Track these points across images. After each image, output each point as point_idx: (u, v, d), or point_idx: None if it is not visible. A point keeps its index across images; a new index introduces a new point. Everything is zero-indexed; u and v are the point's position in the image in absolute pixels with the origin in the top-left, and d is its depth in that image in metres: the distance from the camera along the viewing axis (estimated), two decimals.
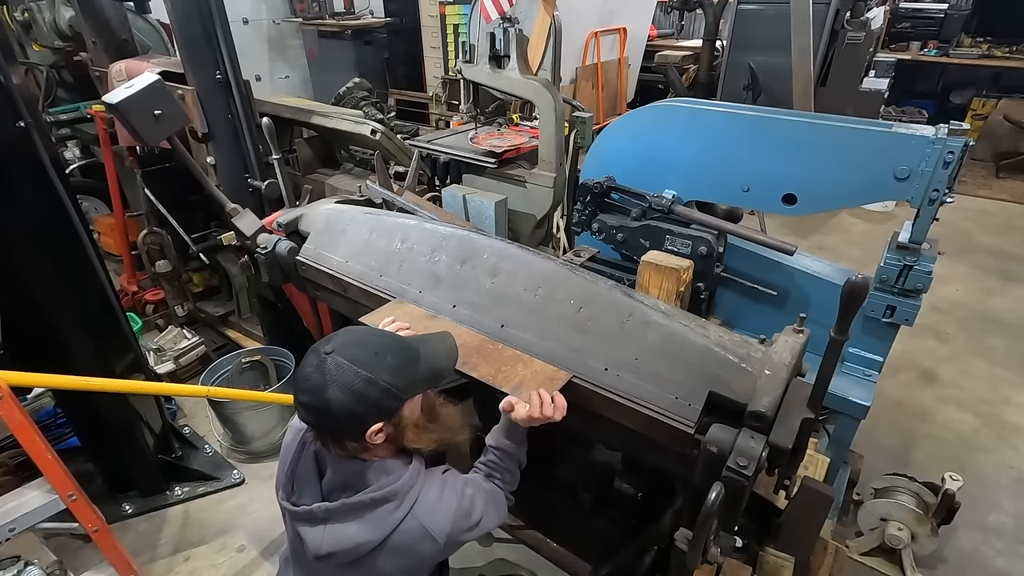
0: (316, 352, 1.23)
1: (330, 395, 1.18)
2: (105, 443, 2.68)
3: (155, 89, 2.13)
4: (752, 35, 5.49)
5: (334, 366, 1.19)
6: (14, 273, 2.13)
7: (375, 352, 1.24)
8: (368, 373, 1.20)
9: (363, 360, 1.21)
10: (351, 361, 1.20)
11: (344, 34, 6.98)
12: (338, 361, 1.19)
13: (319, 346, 1.24)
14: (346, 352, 1.21)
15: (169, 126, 2.18)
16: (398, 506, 1.29)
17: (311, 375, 1.20)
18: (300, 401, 1.22)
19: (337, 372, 1.19)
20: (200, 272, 4.11)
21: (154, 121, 2.13)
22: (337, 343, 1.23)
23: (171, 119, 2.17)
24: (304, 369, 1.23)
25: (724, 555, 1.47)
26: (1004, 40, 7.40)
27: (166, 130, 2.18)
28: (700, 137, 2.32)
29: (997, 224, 5.80)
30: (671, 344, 1.46)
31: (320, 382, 1.18)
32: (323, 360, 1.20)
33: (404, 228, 2.03)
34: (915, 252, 2.06)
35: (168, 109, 2.17)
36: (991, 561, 2.58)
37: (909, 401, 3.50)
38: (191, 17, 2.66)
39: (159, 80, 2.14)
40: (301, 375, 1.22)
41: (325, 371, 1.19)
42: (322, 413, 1.20)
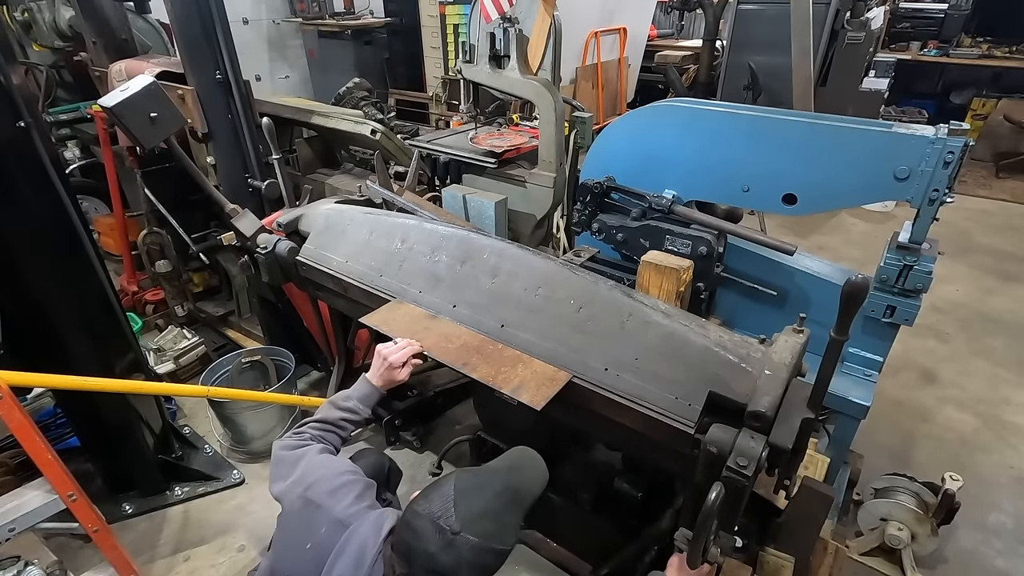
0: (439, 528, 1.14)
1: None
2: (105, 443, 2.68)
3: (151, 92, 2.14)
4: (752, 35, 5.48)
5: (468, 549, 1.12)
6: (14, 273, 2.12)
7: (499, 518, 1.18)
8: (499, 546, 1.16)
9: (493, 534, 1.16)
10: (483, 538, 1.14)
11: (344, 34, 6.97)
12: (471, 543, 1.13)
13: (440, 518, 1.15)
14: (475, 528, 1.14)
15: (166, 128, 2.19)
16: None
17: (439, 556, 1.12)
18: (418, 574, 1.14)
19: (470, 555, 1.13)
20: (200, 272, 4.11)
21: (150, 123, 2.14)
22: (463, 517, 1.15)
23: (168, 121, 2.18)
24: (425, 544, 1.13)
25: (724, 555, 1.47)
26: (1004, 40, 7.40)
27: (163, 132, 2.19)
28: (700, 137, 2.32)
29: (997, 224, 5.80)
30: (671, 344, 1.47)
31: (452, 564, 1.12)
32: (451, 541, 1.12)
33: (404, 228, 2.03)
34: (915, 252, 2.06)
35: (164, 111, 2.18)
36: (991, 561, 2.57)
37: (909, 401, 3.50)
38: (191, 17, 2.66)
39: (154, 83, 2.16)
40: (422, 551, 1.13)
41: (458, 554, 1.12)
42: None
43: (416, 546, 1.14)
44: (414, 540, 1.15)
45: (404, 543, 1.17)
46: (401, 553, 1.17)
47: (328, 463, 1.50)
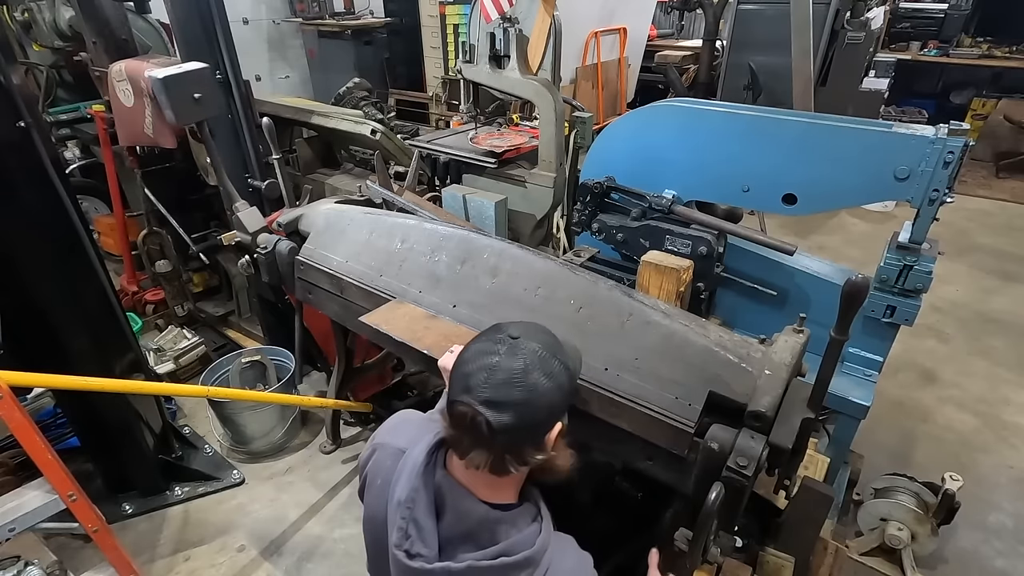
0: (496, 339, 1.03)
1: (535, 380, 0.98)
2: (105, 443, 2.68)
3: (202, 74, 2.31)
4: (752, 35, 5.48)
5: (530, 350, 1.00)
6: (14, 273, 2.13)
7: (552, 338, 1.08)
8: (562, 357, 1.04)
9: (550, 344, 1.05)
10: (542, 345, 1.03)
11: (344, 34, 6.97)
12: (531, 346, 1.01)
13: (492, 333, 1.05)
14: (533, 337, 1.04)
15: (205, 110, 2.32)
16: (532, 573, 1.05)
17: (505, 362, 0.98)
18: (489, 399, 0.97)
19: (535, 356, 1.00)
20: (200, 272, 4.11)
21: (193, 103, 2.28)
22: (519, 329, 1.05)
23: (208, 105, 2.33)
24: (486, 359, 1.00)
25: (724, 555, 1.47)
26: (1004, 40, 7.40)
27: (201, 113, 2.33)
28: (700, 137, 2.32)
29: (997, 224, 5.80)
30: (671, 344, 1.46)
31: (521, 366, 0.98)
32: (514, 345, 1.01)
33: (404, 228, 2.03)
34: (915, 252, 2.06)
35: (208, 94, 2.33)
36: (991, 561, 2.57)
37: (909, 401, 3.50)
38: (191, 17, 2.66)
39: (207, 67, 2.32)
40: (487, 366, 0.99)
41: (523, 354, 0.99)
42: (524, 407, 0.97)
43: (475, 367, 0.99)
44: (471, 366, 1.00)
45: (459, 380, 1.01)
46: (459, 390, 1.00)
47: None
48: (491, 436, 0.97)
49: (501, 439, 0.98)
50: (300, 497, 2.89)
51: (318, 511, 2.81)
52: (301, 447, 3.20)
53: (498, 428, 0.96)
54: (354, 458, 3.10)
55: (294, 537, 2.69)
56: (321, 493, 2.91)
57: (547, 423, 1.03)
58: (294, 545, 2.65)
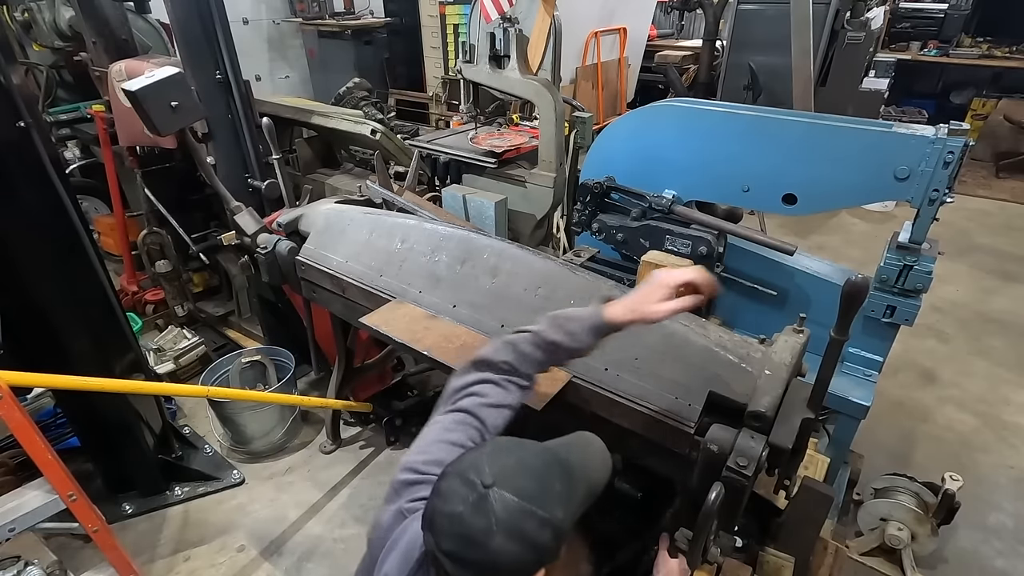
0: (468, 482, 0.94)
1: (497, 546, 0.90)
2: (105, 443, 2.68)
3: (175, 80, 2.22)
4: (752, 35, 5.48)
5: (500, 506, 0.92)
6: (14, 273, 2.12)
7: (541, 480, 0.98)
8: (542, 512, 0.94)
9: (532, 494, 0.95)
10: (519, 496, 0.93)
11: (344, 34, 6.97)
12: (504, 499, 0.92)
13: (468, 471, 0.96)
14: (511, 484, 0.94)
15: (185, 118, 2.25)
16: None
17: (468, 518, 0.91)
18: (449, 551, 0.92)
19: (505, 514, 0.91)
20: (200, 272, 4.11)
21: (171, 111, 2.21)
22: (496, 471, 0.96)
23: (187, 111, 2.25)
24: (452, 505, 0.93)
25: (724, 555, 1.47)
26: (1004, 40, 7.41)
27: (181, 121, 2.25)
28: (700, 137, 2.32)
29: (997, 224, 5.80)
30: (671, 344, 1.47)
31: (483, 527, 0.91)
32: (483, 497, 0.92)
33: (404, 228, 2.03)
34: (915, 252, 2.06)
35: (185, 101, 2.25)
36: (991, 561, 2.57)
37: (909, 401, 3.50)
38: (191, 17, 2.66)
39: (180, 73, 2.24)
40: (450, 514, 0.93)
41: (489, 512, 0.91)
42: (485, 568, 0.92)
43: (442, 508, 0.94)
44: (440, 503, 0.95)
45: (430, 511, 0.96)
46: (427, 524, 0.96)
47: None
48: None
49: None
50: (300, 497, 2.89)
51: (318, 511, 2.81)
52: (301, 447, 3.20)
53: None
54: (354, 458, 3.10)
55: (294, 537, 2.69)
56: (321, 493, 2.91)
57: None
58: (294, 545, 2.65)
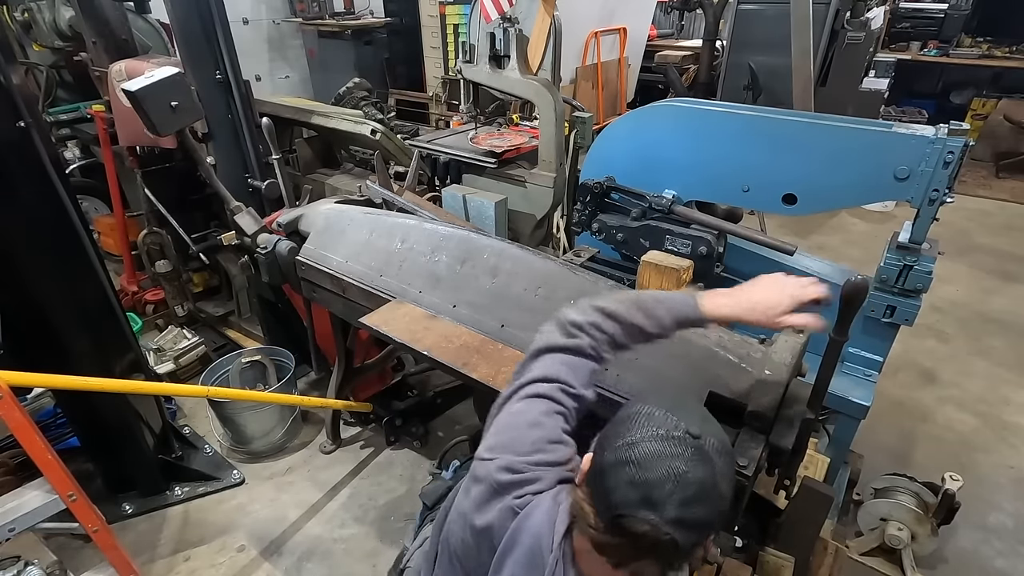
0: (675, 439, 0.87)
1: (724, 493, 0.87)
2: (105, 443, 2.68)
3: (174, 81, 2.25)
4: (752, 35, 5.48)
5: (715, 452, 0.88)
6: (14, 273, 2.12)
7: (715, 423, 0.95)
8: (734, 450, 0.97)
9: (725, 438, 0.93)
10: (719, 439, 0.91)
11: (344, 34, 6.97)
12: (714, 444, 0.89)
13: (664, 425, 0.89)
14: (712, 430, 0.91)
15: (184, 118, 2.28)
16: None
17: (693, 471, 0.85)
18: (677, 517, 0.83)
19: (720, 458, 0.88)
20: (200, 272, 4.11)
21: (170, 112, 2.23)
22: (694, 420, 0.91)
23: (187, 111, 2.28)
24: (668, 466, 0.85)
25: (724, 555, 1.47)
26: (1004, 40, 7.41)
27: (181, 121, 2.28)
28: (700, 137, 2.32)
29: (997, 224, 5.80)
30: (671, 344, 1.46)
31: (711, 479, 0.86)
32: (699, 447, 0.87)
33: (404, 228, 2.03)
34: (915, 252, 2.06)
35: (185, 101, 2.28)
36: (991, 561, 2.57)
37: (909, 401, 3.50)
38: (191, 17, 2.66)
39: (180, 73, 2.27)
40: (668, 476, 0.84)
41: (710, 460, 0.86)
42: (711, 520, 0.87)
43: (655, 476, 0.84)
44: (646, 473, 0.85)
45: (637, 490, 0.85)
46: (636, 504, 0.85)
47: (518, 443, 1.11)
48: (674, 555, 0.87)
49: (682, 555, 0.88)
50: (300, 497, 2.89)
51: (318, 511, 2.81)
52: (301, 447, 3.20)
53: (685, 548, 0.85)
54: (354, 458, 3.10)
55: (294, 537, 2.69)
56: (321, 493, 2.91)
57: (719, 525, 0.93)
58: (294, 545, 2.65)
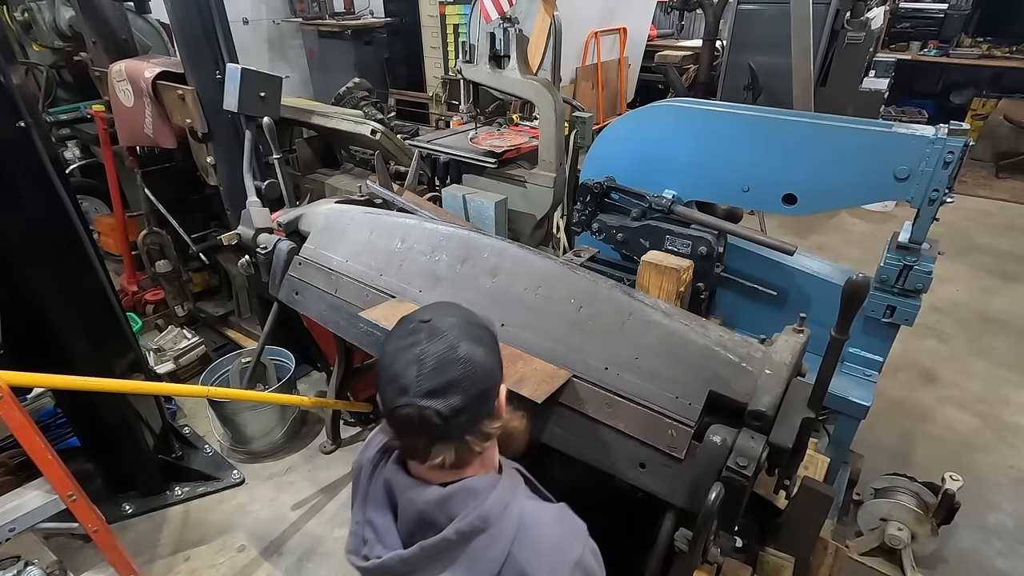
0: (409, 330, 0.96)
1: (468, 353, 0.93)
2: (105, 443, 2.68)
3: (273, 79, 2.77)
4: (752, 35, 5.48)
5: (447, 325, 0.95)
6: (14, 273, 2.12)
7: (461, 307, 1.03)
8: (477, 319, 1.00)
9: (465, 314, 1.00)
10: (455, 316, 0.98)
11: (344, 34, 6.97)
12: (446, 321, 0.96)
13: (403, 327, 0.98)
14: (446, 312, 0.99)
15: (265, 110, 2.69)
16: (494, 537, 0.95)
17: (428, 349, 0.92)
18: (428, 389, 0.90)
19: (455, 329, 0.95)
20: (200, 272, 4.11)
21: (258, 100, 2.70)
22: (427, 311, 0.99)
23: (268, 105, 2.73)
24: (408, 352, 0.93)
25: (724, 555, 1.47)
26: (1004, 40, 7.41)
27: (261, 110, 2.68)
28: (700, 137, 2.32)
29: (997, 224, 5.80)
30: (671, 343, 1.46)
31: (448, 345, 0.92)
32: (431, 327, 0.95)
33: (404, 228, 2.03)
34: (915, 252, 2.06)
35: (272, 97, 2.75)
36: (991, 561, 2.57)
37: (909, 401, 3.50)
38: (191, 17, 2.66)
39: (281, 78, 2.80)
40: (411, 359, 0.92)
41: (444, 334, 0.94)
42: (467, 382, 0.92)
43: (400, 366, 0.92)
44: (396, 367, 0.93)
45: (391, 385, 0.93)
46: (392, 395, 0.93)
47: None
48: (446, 425, 0.91)
49: (456, 422, 0.92)
50: (300, 497, 2.89)
51: (318, 511, 2.81)
52: (301, 447, 3.20)
53: (450, 413, 0.90)
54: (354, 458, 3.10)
55: (294, 537, 2.69)
56: (321, 493, 2.91)
57: (493, 388, 0.98)
58: (294, 545, 2.65)
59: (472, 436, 0.96)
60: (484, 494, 0.97)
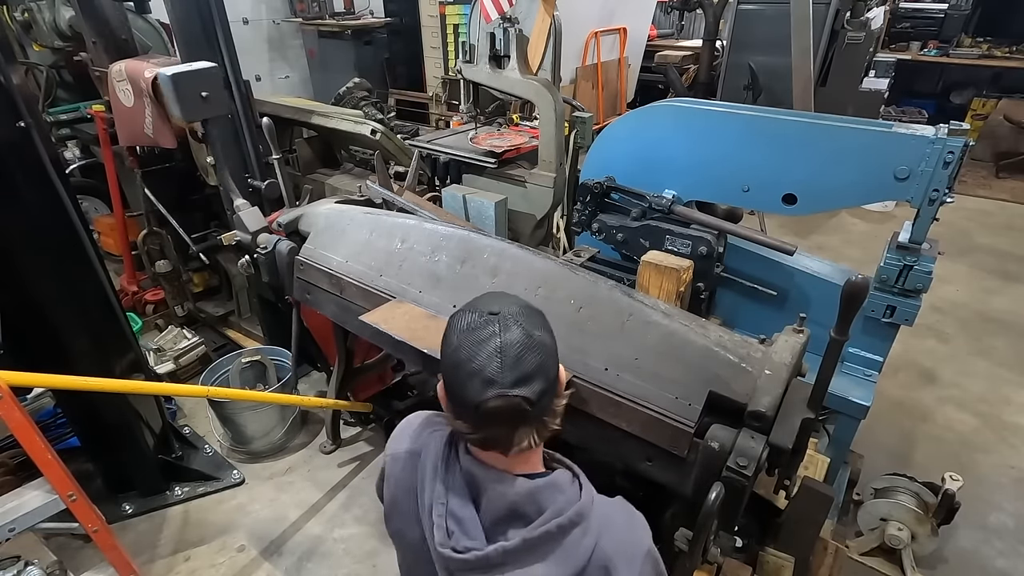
0: (479, 322, 0.96)
1: (541, 339, 0.97)
2: (105, 443, 2.68)
3: (209, 73, 2.44)
4: (752, 35, 5.48)
5: (516, 315, 0.98)
6: (14, 273, 2.12)
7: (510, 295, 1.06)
8: (539, 311, 1.03)
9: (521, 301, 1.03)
10: (519, 306, 1.01)
11: (344, 34, 6.97)
12: (513, 311, 0.98)
13: (469, 318, 0.98)
14: (507, 301, 1.01)
15: (211, 108, 2.44)
16: (587, 530, 0.99)
17: (507, 339, 0.94)
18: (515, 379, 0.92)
19: (526, 318, 0.98)
20: (200, 272, 4.11)
21: (200, 100, 2.40)
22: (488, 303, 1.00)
23: (215, 104, 2.46)
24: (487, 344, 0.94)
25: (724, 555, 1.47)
26: (1004, 40, 7.40)
27: (207, 112, 2.45)
28: (700, 137, 2.32)
29: (997, 224, 5.80)
30: (671, 344, 1.46)
31: (523, 333, 0.95)
32: (501, 318, 0.96)
33: (404, 228, 2.03)
34: (915, 252, 2.06)
35: (215, 94, 2.46)
36: (991, 561, 2.57)
37: (909, 401, 3.50)
38: (191, 17, 2.66)
39: (215, 67, 2.47)
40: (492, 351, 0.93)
41: (516, 323, 0.96)
42: (545, 365, 0.97)
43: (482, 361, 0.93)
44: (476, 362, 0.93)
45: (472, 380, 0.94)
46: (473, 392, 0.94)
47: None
48: (533, 409, 0.95)
49: (540, 405, 0.96)
50: (300, 497, 2.89)
51: (318, 511, 2.81)
52: (301, 447, 3.20)
53: (536, 398, 0.95)
54: (354, 458, 3.10)
55: (294, 537, 2.69)
56: (321, 493, 2.91)
57: (557, 368, 1.03)
58: (294, 545, 2.65)
59: (549, 416, 1.01)
60: (567, 488, 1.03)
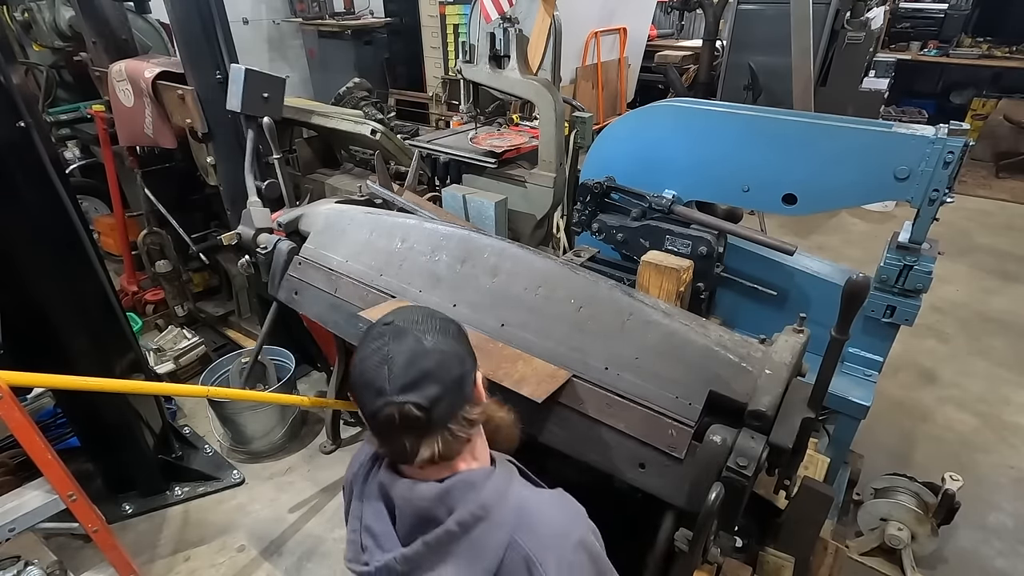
0: (373, 336, 0.97)
1: (434, 344, 0.95)
2: (105, 443, 2.68)
3: (277, 81, 2.81)
4: (752, 35, 5.49)
5: (411, 323, 0.97)
6: (14, 273, 2.12)
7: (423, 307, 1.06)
8: (440, 313, 1.02)
9: (427, 310, 1.03)
10: (418, 313, 1.00)
11: (344, 34, 6.97)
12: (407, 319, 0.98)
13: (367, 336, 0.99)
14: (407, 313, 1.01)
15: (267, 110, 2.73)
16: (495, 524, 0.95)
17: (394, 348, 0.93)
18: (402, 385, 0.91)
19: (418, 325, 0.97)
20: (200, 272, 4.11)
21: (261, 100, 2.72)
22: (389, 316, 1.01)
23: (271, 106, 2.77)
24: (376, 356, 0.94)
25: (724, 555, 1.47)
26: (1004, 40, 7.41)
27: (264, 111, 2.71)
28: (700, 137, 2.32)
29: (997, 224, 5.80)
30: (671, 343, 1.46)
31: (413, 341, 0.94)
32: (395, 328, 0.96)
33: (404, 228, 2.03)
34: (915, 252, 2.06)
35: (275, 98, 2.78)
36: (991, 561, 2.57)
37: (909, 401, 3.50)
38: (191, 17, 2.66)
39: (284, 79, 2.84)
40: (379, 361, 0.93)
41: (408, 331, 0.95)
42: (440, 370, 0.94)
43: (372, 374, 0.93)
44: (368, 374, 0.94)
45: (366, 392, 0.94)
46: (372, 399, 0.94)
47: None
48: (427, 416, 0.92)
49: (437, 412, 0.93)
50: (300, 497, 2.89)
51: (318, 511, 2.81)
52: (301, 447, 3.20)
53: (429, 404, 0.91)
54: None
55: (294, 537, 2.69)
56: (321, 493, 2.91)
57: (467, 374, 0.99)
58: (294, 545, 2.65)
59: (455, 424, 0.96)
60: (482, 484, 0.98)
